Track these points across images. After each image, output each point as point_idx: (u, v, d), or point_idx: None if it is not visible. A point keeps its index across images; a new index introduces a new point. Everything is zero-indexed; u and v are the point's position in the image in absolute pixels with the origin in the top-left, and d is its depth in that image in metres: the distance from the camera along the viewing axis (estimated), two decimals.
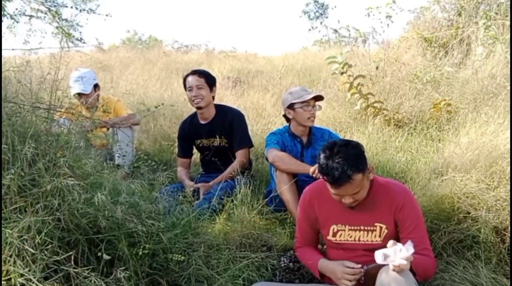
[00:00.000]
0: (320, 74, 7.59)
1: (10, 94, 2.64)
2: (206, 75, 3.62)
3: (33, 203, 2.32)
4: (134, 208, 2.47)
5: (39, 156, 2.41)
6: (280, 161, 3.19)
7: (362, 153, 2.21)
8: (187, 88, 3.66)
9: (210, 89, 3.64)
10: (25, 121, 2.51)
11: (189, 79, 3.61)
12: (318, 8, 21.47)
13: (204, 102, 3.63)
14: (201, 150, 3.87)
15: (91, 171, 2.53)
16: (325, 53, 9.90)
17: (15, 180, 2.28)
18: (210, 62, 9.54)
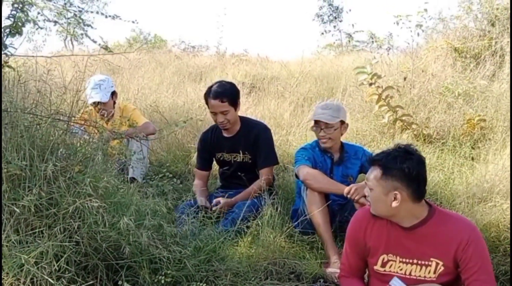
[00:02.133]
0: (339, 82, 7.34)
1: (29, 105, 2.45)
2: (229, 97, 3.33)
3: (51, 225, 2.13)
4: (158, 231, 2.27)
5: (58, 173, 2.22)
6: (313, 180, 2.97)
7: None
8: (210, 110, 3.42)
9: (235, 108, 3.40)
10: (44, 134, 2.32)
11: (211, 103, 3.34)
12: (332, 12, 21.18)
13: (230, 124, 3.42)
14: (221, 163, 3.66)
15: (113, 190, 2.34)
16: (343, 59, 9.70)
17: (33, 200, 2.09)
18: (223, 66, 9.33)
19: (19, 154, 2.22)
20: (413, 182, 2.04)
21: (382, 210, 2.11)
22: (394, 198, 2.05)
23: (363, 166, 3.17)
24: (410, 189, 2.04)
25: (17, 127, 2.25)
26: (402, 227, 2.12)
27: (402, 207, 2.06)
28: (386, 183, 2.04)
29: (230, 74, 8.09)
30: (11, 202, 2.12)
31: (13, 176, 2.18)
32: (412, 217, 2.10)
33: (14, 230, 2.12)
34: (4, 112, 2.32)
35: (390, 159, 2.04)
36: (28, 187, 2.16)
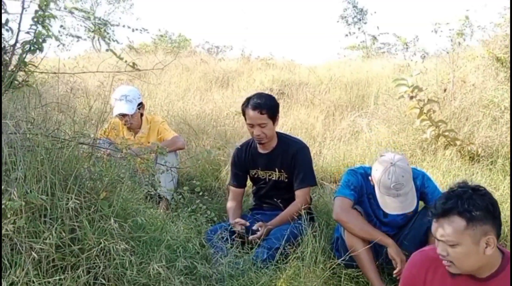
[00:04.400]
0: (370, 89, 7.06)
1: (51, 126, 2.25)
2: (268, 109, 3.12)
3: (75, 265, 1.93)
4: (191, 273, 2.05)
5: (82, 206, 2.02)
6: (349, 223, 2.68)
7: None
8: (247, 122, 3.20)
9: (273, 122, 3.18)
10: (67, 160, 2.12)
11: (250, 114, 3.13)
12: (356, 13, 20.86)
13: (267, 138, 3.19)
14: (255, 181, 3.43)
15: (141, 224, 2.12)
16: (372, 64, 9.39)
17: (54, 235, 1.90)
18: (249, 71, 9.11)
19: (40, 183, 2.03)
20: (497, 219, 1.77)
21: (474, 264, 1.80)
22: (487, 244, 1.76)
23: (423, 192, 2.79)
24: (496, 228, 1.76)
25: (37, 152, 2.06)
26: (477, 278, 1.84)
27: (493, 253, 1.78)
28: (475, 231, 1.74)
29: (258, 80, 7.86)
30: (31, 237, 1.93)
31: (33, 207, 1.99)
32: (491, 264, 1.82)
33: (34, 268, 1.93)
34: (23, 134, 2.13)
35: (467, 202, 1.75)
36: (49, 221, 1.97)
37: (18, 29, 2.26)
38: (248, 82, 7.91)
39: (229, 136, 5.05)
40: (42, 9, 2.19)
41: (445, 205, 1.78)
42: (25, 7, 2.25)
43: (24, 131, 2.04)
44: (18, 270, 1.92)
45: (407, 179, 2.60)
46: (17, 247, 1.94)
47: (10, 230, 1.87)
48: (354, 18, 20.34)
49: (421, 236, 2.72)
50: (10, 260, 1.92)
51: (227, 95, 6.97)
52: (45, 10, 2.20)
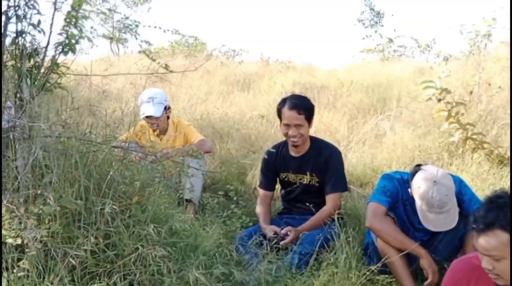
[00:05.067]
0: (391, 91, 6.95)
1: (83, 129, 2.22)
2: (306, 110, 3.09)
3: (110, 272, 1.89)
4: (228, 280, 2.00)
5: (117, 211, 1.98)
6: (381, 231, 2.62)
7: None
8: (282, 122, 3.15)
9: (309, 124, 3.14)
10: (101, 164, 2.09)
11: (287, 114, 3.09)
12: (373, 16, 20.74)
13: (302, 140, 3.14)
14: (284, 184, 3.37)
15: (178, 229, 2.07)
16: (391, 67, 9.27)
17: (90, 241, 1.86)
18: (270, 74, 9.06)
19: (73, 187, 2.00)
20: None
21: None
22: None
23: (460, 199, 2.67)
24: None
25: (71, 156, 2.03)
26: None
27: None
28: None
29: (279, 83, 7.81)
30: (65, 243, 1.90)
31: (66, 212, 1.96)
32: None
33: (69, 275, 1.89)
34: (56, 138, 2.10)
35: (509, 214, 1.68)
36: (84, 227, 1.93)
37: (50, 31, 2.23)
38: (269, 85, 7.87)
39: (254, 140, 5.01)
40: (75, 10, 2.17)
41: (486, 219, 1.70)
42: (57, 8, 2.23)
43: (58, 134, 2.01)
44: (52, 276, 1.89)
45: (450, 197, 2.53)
46: (51, 253, 1.91)
47: (44, 235, 1.83)
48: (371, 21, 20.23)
49: (456, 241, 2.66)
50: (44, 266, 1.89)
51: (249, 98, 6.94)
52: (78, 11, 2.18)
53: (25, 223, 1.70)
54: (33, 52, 2.21)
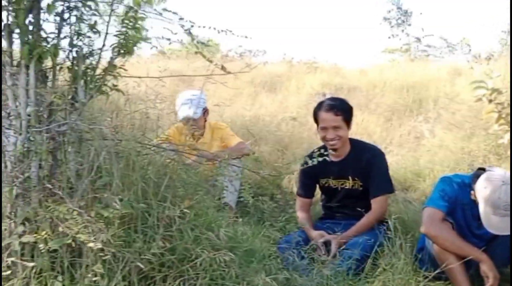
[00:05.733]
0: (427, 92, 6.80)
1: (138, 132, 2.18)
2: (344, 111, 3.03)
3: (169, 277, 1.84)
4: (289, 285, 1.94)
5: (176, 215, 1.94)
6: (439, 237, 2.52)
7: None
8: (319, 126, 3.08)
9: (347, 126, 3.06)
10: (159, 167, 2.05)
11: (324, 116, 3.02)
12: (400, 15, 20.42)
13: (341, 142, 3.06)
14: (325, 190, 3.29)
15: (233, 233, 2.03)
16: (425, 67, 9.10)
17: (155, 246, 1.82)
18: (296, 75, 8.96)
19: (131, 190, 1.96)
20: None
21: None
22: None
23: None
24: None
25: (129, 159, 1.99)
26: None
27: None
28: None
29: (308, 84, 7.72)
30: (124, 247, 1.86)
31: (124, 216, 1.92)
32: None
33: (127, 280, 1.85)
34: (113, 140, 2.07)
35: None
36: (142, 230, 1.89)
37: (106, 32, 2.20)
38: (297, 87, 7.78)
39: (287, 142, 4.94)
40: (135, 10, 2.13)
41: None
42: (114, 8, 2.20)
43: (118, 137, 1.98)
44: (110, 281, 1.85)
45: None
46: (108, 258, 1.87)
47: (103, 239, 1.79)
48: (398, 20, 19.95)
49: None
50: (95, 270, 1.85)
51: (278, 100, 6.86)
52: (137, 12, 2.14)
53: (94, 227, 1.66)
54: (88, 54, 2.17)
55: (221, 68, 2.29)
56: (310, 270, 2.31)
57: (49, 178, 1.96)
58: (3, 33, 2.05)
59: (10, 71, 2.04)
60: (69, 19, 2.16)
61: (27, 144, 1.95)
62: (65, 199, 1.81)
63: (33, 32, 2.06)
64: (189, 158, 2.51)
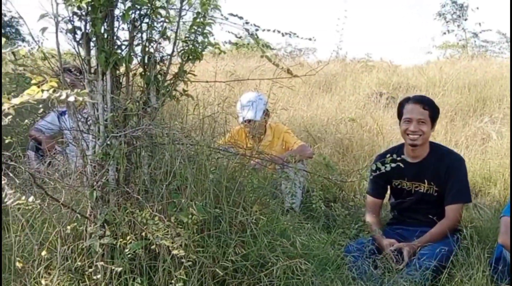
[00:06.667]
0: (491, 91, 6.52)
1: (208, 136, 2.20)
2: (431, 107, 2.95)
3: (243, 283, 1.85)
4: None
5: (249, 220, 1.94)
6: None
7: None
8: (403, 118, 2.98)
9: (432, 125, 2.97)
10: (231, 172, 2.06)
11: (411, 107, 2.93)
12: (455, 10, 19.72)
13: (421, 139, 2.95)
14: (397, 192, 3.17)
15: (305, 240, 2.01)
16: (486, 65, 8.74)
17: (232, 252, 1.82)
18: (351, 74, 8.81)
19: (203, 195, 1.98)
20: None
21: None
22: None
23: None
24: None
25: (201, 164, 2.01)
26: None
27: None
28: None
29: (364, 83, 7.58)
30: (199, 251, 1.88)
31: (198, 221, 1.94)
32: None
33: (199, 284, 1.87)
34: (183, 145, 2.10)
35: None
36: (215, 235, 1.91)
37: (175, 38, 2.24)
38: (353, 86, 7.65)
39: (347, 144, 4.85)
40: (203, 16, 2.16)
41: None
42: (182, 15, 2.24)
43: (191, 141, 2.01)
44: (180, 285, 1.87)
45: None
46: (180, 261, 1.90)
47: (182, 244, 1.81)
48: (453, 14, 19.26)
49: None
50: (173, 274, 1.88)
51: (334, 100, 6.76)
52: (205, 17, 2.16)
53: (173, 232, 1.69)
54: (159, 60, 2.22)
55: (287, 71, 2.26)
56: (383, 280, 2.24)
57: (126, 181, 2.01)
58: (81, 42, 2.14)
59: (88, 78, 2.11)
60: (141, 26, 2.21)
61: (105, 149, 2.01)
62: (143, 202, 1.85)
63: (108, 40, 2.13)
64: (254, 161, 2.52)
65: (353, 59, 11.88)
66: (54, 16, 2.06)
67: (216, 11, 2.25)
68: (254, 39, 2.32)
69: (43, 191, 1.86)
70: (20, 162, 2.09)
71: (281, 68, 2.29)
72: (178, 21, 2.26)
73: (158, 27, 2.20)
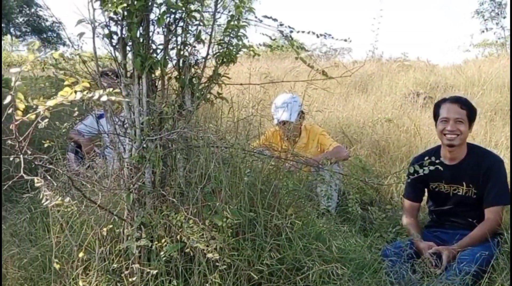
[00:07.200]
0: None
1: (242, 139, 2.20)
2: (468, 107, 2.88)
3: None
4: None
5: (284, 224, 1.92)
6: None
7: None
8: (439, 119, 2.93)
9: (469, 125, 2.89)
10: (265, 175, 2.05)
11: (448, 107, 2.88)
12: (494, 7, 19.17)
13: (459, 139, 2.88)
14: (435, 196, 3.10)
15: (341, 244, 1.98)
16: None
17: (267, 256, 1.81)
18: (387, 74, 8.66)
19: (238, 198, 1.98)
20: None
21: None
22: None
23: None
24: None
25: (236, 167, 2.01)
26: None
27: None
28: None
29: (401, 82, 7.43)
30: (233, 254, 1.87)
31: (233, 224, 1.94)
32: None
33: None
34: (218, 148, 2.10)
35: None
36: (250, 238, 1.90)
37: (210, 41, 2.25)
38: (390, 86, 7.51)
39: (384, 145, 4.77)
40: (238, 19, 2.16)
41: None
42: (216, 18, 2.24)
43: (226, 144, 2.01)
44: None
45: None
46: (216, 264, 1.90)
47: (216, 248, 1.81)
48: (492, 12, 18.74)
49: None
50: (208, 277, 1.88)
51: (372, 100, 6.65)
52: (239, 20, 2.16)
53: (208, 235, 1.69)
54: (194, 63, 2.23)
55: (322, 73, 2.23)
56: (422, 285, 2.18)
57: (161, 184, 2.03)
58: (118, 46, 2.17)
59: (124, 82, 2.14)
60: (176, 30, 2.22)
61: (141, 152, 2.03)
62: (178, 205, 1.86)
63: (143, 44, 2.15)
64: (289, 164, 2.50)
65: (389, 59, 11.68)
66: (91, 22, 2.10)
67: (250, 13, 2.26)
68: (288, 41, 2.30)
69: (81, 193, 1.89)
70: (59, 164, 2.14)
71: (316, 69, 2.25)
72: (212, 24, 2.27)
73: (193, 30, 2.22)
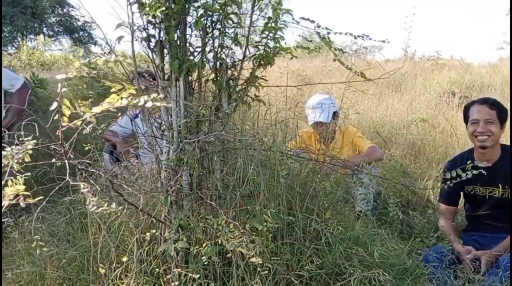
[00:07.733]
0: None
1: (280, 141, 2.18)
2: (498, 107, 2.80)
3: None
4: None
5: (323, 228, 1.90)
6: None
7: None
8: (469, 121, 2.87)
9: (501, 126, 2.81)
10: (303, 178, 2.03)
11: (476, 109, 2.82)
12: None
13: (491, 141, 2.81)
14: (471, 199, 3.03)
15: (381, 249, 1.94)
16: None
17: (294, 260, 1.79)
18: (421, 73, 8.48)
19: (276, 201, 1.96)
20: None
21: None
22: None
23: None
24: None
25: (273, 169, 1.99)
26: None
27: None
28: None
29: (435, 81, 7.27)
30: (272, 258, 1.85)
31: (271, 227, 1.92)
32: None
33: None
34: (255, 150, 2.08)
35: None
36: (289, 243, 1.88)
37: (246, 43, 2.24)
38: (424, 85, 7.35)
39: (419, 146, 4.67)
40: (275, 21, 2.14)
41: None
42: (253, 20, 2.23)
43: (264, 147, 1.99)
44: None
45: None
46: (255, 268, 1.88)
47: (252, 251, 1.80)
48: None
49: None
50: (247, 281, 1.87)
51: (406, 100, 6.53)
52: (276, 22, 2.15)
53: (247, 240, 1.68)
54: (231, 65, 2.22)
55: (360, 75, 2.19)
56: None
57: (199, 187, 2.03)
58: (156, 49, 2.18)
59: (162, 85, 2.15)
60: (213, 32, 2.22)
61: (178, 154, 2.04)
62: (216, 208, 1.85)
63: (181, 47, 2.16)
64: (326, 166, 2.47)
65: (422, 57, 11.46)
66: (130, 25, 2.12)
67: (287, 15, 2.24)
68: (325, 43, 2.27)
69: (120, 196, 1.90)
70: (98, 166, 2.17)
71: (355, 72, 2.21)
72: (249, 26, 2.26)
73: (230, 33, 2.21)
